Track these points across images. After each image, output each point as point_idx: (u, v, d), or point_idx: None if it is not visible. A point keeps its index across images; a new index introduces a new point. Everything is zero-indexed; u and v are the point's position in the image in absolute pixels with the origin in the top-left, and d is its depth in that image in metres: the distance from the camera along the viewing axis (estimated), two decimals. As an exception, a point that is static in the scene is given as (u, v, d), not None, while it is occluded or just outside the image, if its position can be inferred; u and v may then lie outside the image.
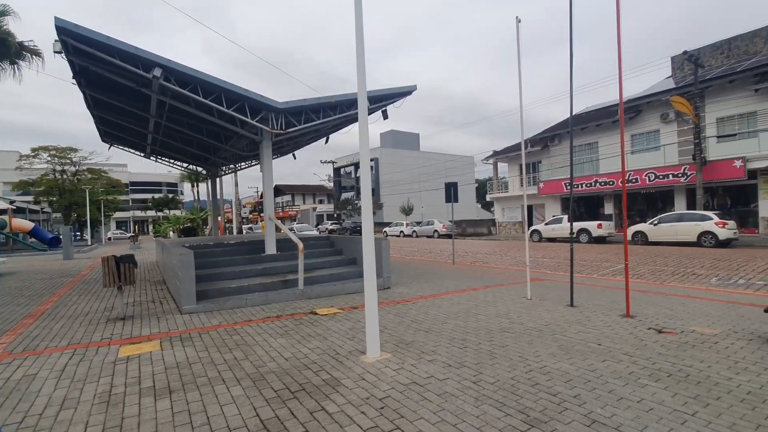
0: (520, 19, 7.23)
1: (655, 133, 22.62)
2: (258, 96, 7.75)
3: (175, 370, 3.87)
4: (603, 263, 12.27)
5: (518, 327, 5.20)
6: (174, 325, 5.65)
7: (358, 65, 4.13)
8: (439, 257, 15.94)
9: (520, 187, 30.37)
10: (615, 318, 5.61)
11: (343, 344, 4.60)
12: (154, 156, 15.83)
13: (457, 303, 6.78)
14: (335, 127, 11.23)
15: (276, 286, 7.32)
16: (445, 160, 54.49)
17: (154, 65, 6.90)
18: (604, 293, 7.56)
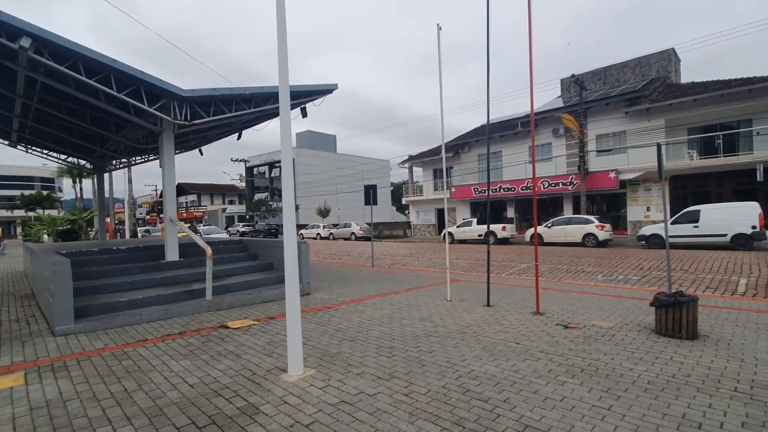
0: (441, 27, 7.41)
1: (547, 146, 25.28)
2: (157, 80, 6.78)
3: (44, 410, 3.07)
4: (509, 263, 13.21)
5: (442, 330, 5.21)
6: (44, 351, 4.60)
7: (280, 51, 3.74)
8: (358, 260, 15.80)
9: (434, 191, 31.72)
10: (527, 316, 5.94)
11: (260, 362, 4.13)
12: (23, 145, 13.20)
13: (380, 308, 6.64)
14: (249, 122, 10.42)
15: (179, 297, 6.45)
16: (362, 163, 54.92)
17: (21, 33, 5.62)
18: (514, 292, 8.04)
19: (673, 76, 24.56)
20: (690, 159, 20.42)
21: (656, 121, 21.43)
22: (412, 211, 33.96)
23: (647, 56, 25.36)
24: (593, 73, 27.36)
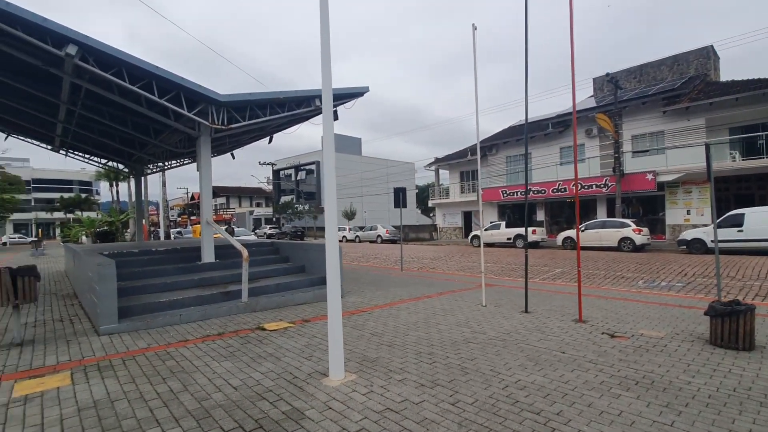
0: (476, 27, 7.27)
1: (580, 147, 24.52)
2: (196, 86, 6.94)
3: (92, 411, 3.13)
4: (542, 267, 12.83)
5: (481, 337, 5.05)
6: (89, 350, 4.73)
7: (323, 54, 3.71)
8: (386, 263, 15.72)
9: (460, 194, 31.35)
10: (569, 323, 5.69)
11: (300, 365, 4.10)
12: (65, 150, 13.84)
13: (414, 312, 6.53)
14: (281, 126, 10.55)
15: (215, 298, 6.54)
16: (387, 166, 54.95)
17: (67, 41, 5.85)
18: (552, 298, 7.76)
19: (712, 74, 23.41)
20: (732, 160, 19.36)
21: (696, 121, 20.44)
22: (438, 214, 33.67)
23: (685, 54, 24.28)
24: (628, 72, 26.41)
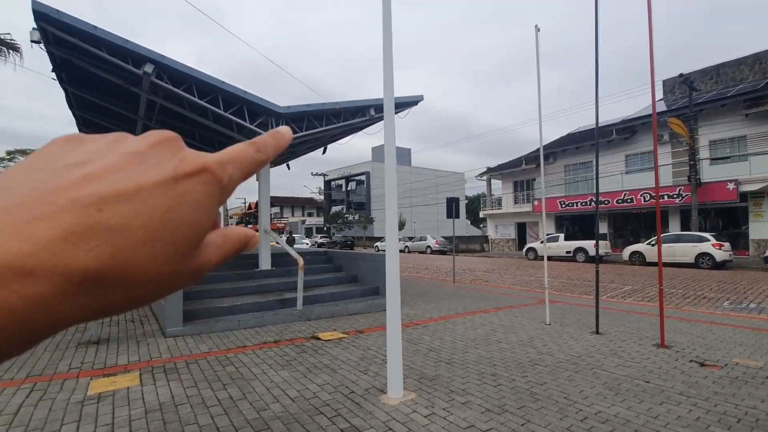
0: (539, 29, 6.94)
1: (649, 154, 22.72)
2: (258, 98, 7.19)
3: (157, 414, 3.18)
4: (609, 284, 11.87)
5: (549, 359, 4.65)
6: (156, 351, 4.92)
7: (385, 60, 3.62)
8: (437, 274, 15.37)
9: (513, 204, 30.22)
10: (650, 348, 5.11)
11: (357, 379, 3.97)
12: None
13: (471, 327, 6.20)
14: (335, 136, 10.70)
15: (272, 305, 6.64)
16: (436, 176, 54.47)
17: (145, 60, 6.30)
18: (624, 318, 7.08)
19: (801, 73, 20.85)
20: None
21: (786, 124, 18.22)
22: (489, 225, 32.66)
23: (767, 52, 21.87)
24: (702, 72, 24.26)
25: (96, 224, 0.17)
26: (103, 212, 0.17)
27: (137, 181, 0.19)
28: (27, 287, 0.16)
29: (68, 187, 0.18)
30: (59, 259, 0.16)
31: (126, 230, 0.18)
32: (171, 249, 0.19)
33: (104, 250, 0.17)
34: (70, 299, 0.17)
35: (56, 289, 0.16)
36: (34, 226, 0.16)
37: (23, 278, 0.16)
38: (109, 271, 0.17)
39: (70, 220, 0.17)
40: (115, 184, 0.18)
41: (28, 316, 0.16)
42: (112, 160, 0.19)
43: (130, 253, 0.18)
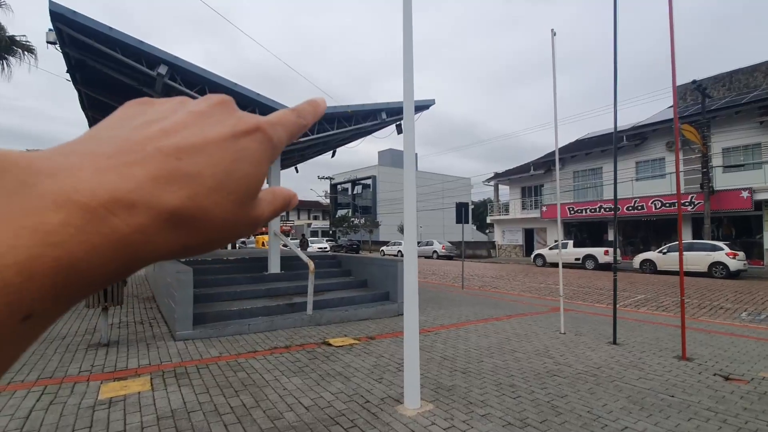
0: (555, 33, 6.86)
1: (660, 161, 22.48)
2: (270, 101, 7.16)
3: (170, 421, 3.10)
4: (621, 293, 11.66)
5: (567, 370, 4.52)
6: (167, 355, 4.85)
7: (405, 67, 3.55)
8: (444, 280, 15.23)
9: (521, 210, 30.01)
10: (671, 360, 4.96)
11: (371, 388, 3.87)
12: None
13: (484, 335, 6.08)
14: (345, 140, 10.67)
15: (282, 309, 6.56)
16: (443, 181, 54.34)
17: (159, 62, 6.30)
18: (640, 328, 6.92)
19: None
20: None
21: (803, 131, 17.93)
22: (496, 231, 32.44)
23: (782, 58, 21.59)
24: (715, 79, 24.03)
25: (176, 170, 0.20)
26: (181, 161, 0.20)
27: (205, 136, 0.21)
28: (132, 218, 0.18)
29: (151, 138, 0.20)
30: (152, 196, 0.19)
31: (199, 178, 0.20)
32: (234, 198, 0.21)
33: (183, 193, 0.19)
34: (159, 233, 0.19)
35: (151, 222, 0.19)
36: (131, 168, 0.19)
37: (128, 209, 0.18)
38: (187, 211, 0.20)
39: (157, 165, 0.19)
40: (187, 138, 0.21)
41: (133, 243, 0.18)
42: (182, 118, 0.22)
43: (202, 199, 0.20)
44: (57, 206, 0.17)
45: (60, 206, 0.17)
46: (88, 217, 0.17)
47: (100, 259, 0.17)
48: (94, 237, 0.17)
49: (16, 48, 11.28)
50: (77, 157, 0.19)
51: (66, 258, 0.16)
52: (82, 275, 0.17)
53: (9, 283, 0.15)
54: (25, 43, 11.42)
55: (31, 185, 0.17)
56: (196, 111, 0.23)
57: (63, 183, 0.17)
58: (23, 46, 11.42)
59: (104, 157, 0.19)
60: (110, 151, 0.19)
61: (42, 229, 0.16)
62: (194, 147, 0.21)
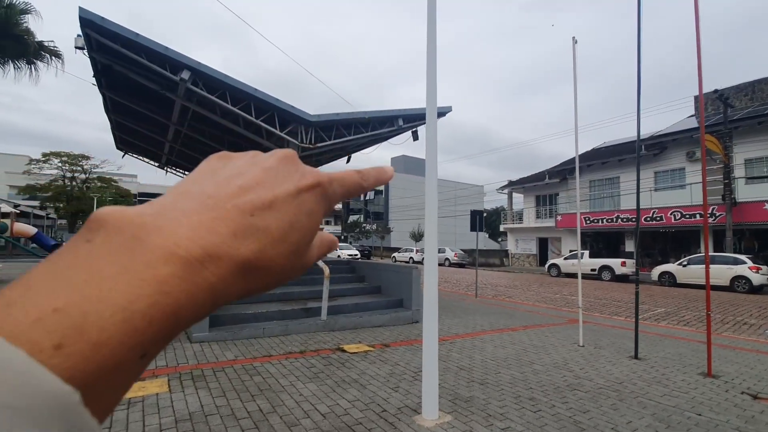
0: (577, 40, 6.80)
1: (680, 171, 22.02)
2: (289, 106, 7.23)
3: (188, 424, 3.11)
4: (640, 305, 11.37)
5: (588, 384, 4.40)
6: (183, 357, 4.88)
7: (429, 70, 3.54)
8: (457, 288, 15.10)
9: (535, 219, 29.67)
10: (696, 377, 4.80)
11: (388, 396, 3.82)
12: (169, 167, 15.35)
13: (501, 346, 5.98)
14: (361, 146, 10.70)
15: (296, 314, 6.56)
16: (456, 188, 54.12)
17: (182, 67, 6.41)
18: (661, 342, 6.73)
19: None
20: None
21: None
22: (510, 239, 32.10)
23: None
24: (737, 89, 23.50)
25: (250, 226, 0.22)
26: (254, 217, 0.23)
27: (274, 193, 0.24)
28: (218, 269, 0.21)
29: (231, 196, 0.23)
30: (232, 249, 0.21)
31: (268, 231, 0.23)
32: (293, 248, 0.24)
33: (255, 246, 0.22)
34: (235, 281, 0.22)
35: (230, 273, 0.21)
36: (216, 224, 0.21)
37: (216, 262, 0.21)
38: (257, 261, 0.22)
39: (236, 221, 0.22)
40: (260, 196, 0.24)
41: (217, 290, 0.21)
42: (256, 175, 0.25)
43: (269, 250, 0.23)
44: (165, 260, 0.20)
45: (168, 260, 0.20)
46: (187, 269, 0.20)
47: (195, 305, 0.20)
48: (192, 286, 0.20)
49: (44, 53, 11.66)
50: (176, 214, 0.21)
51: (174, 305, 0.19)
52: (182, 319, 0.20)
53: (136, 327, 0.18)
54: (53, 49, 11.79)
55: (144, 240, 0.20)
56: (267, 167, 0.25)
57: (167, 239, 0.20)
58: (51, 51, 11.79)
59: (195, 214, 0.22)
60: (200, 208, 0.22)
61: (156, 280, 0.19)
62: (265, 204, 0.23)
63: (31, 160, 37.59)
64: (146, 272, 0.19)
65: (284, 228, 0.23)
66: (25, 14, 11.30)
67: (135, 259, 0.19)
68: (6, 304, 0.17)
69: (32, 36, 11.54)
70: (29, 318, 0.17)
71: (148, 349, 0.19)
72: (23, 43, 11.37)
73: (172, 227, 0.21)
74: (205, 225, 0.21)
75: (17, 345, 0.16)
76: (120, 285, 0.18)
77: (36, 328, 0.17)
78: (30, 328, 0.17)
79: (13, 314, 0.17)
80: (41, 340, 0.16)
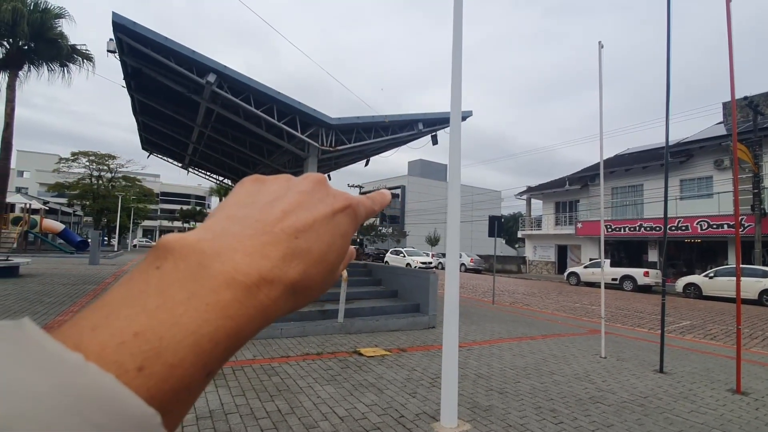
0: (603, 45, 6.68)
1: (707, 180, 21.34)
2: (311, 110, 7.30)
3: (208, 421, 3.15)
4: (663, 317, 11.05)
5: (611, 397, 4.28)
6: (203, 354, 4.95)
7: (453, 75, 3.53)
8: (474, 294, 14.94)
9: (554, 226, 29.17)
10: (724, 394, 4.62)
11: (406, 402, 3.79)
12: (191, 167, 15.68)
13: (519, 354, 5.88)
14: (380, 149, 10.73)
15: (313, 316, 6.60)
16: (473, 194, 53.69)
17: (208, 70, 6.56)
18: (687, 356, 6.52)
19: None
20: None
21: None
22: (527, 246, 31.64)
23: None
24: (767, 96, 22.67)
25: (296, 248, 0.24)
26: (298, 239, 0.24)
27: (314, 215, 0.26)
28: (271, 292, 0.22)
29: (277, 221, 0.24)
30: (282, 272, 0.23)
31: (310, 253, 0.24)
32: (330, 267, 0.26)
33: (300, 267, 0.24)
34: (285, 302, 0.23)
35: (281, 294, 0.23)
36: (268, 248, 0.23)
37: (269, 285, 0.22)
38: (301, 282, 0.24)
39: (284, 245, 0.23)
40: (302, 218, 0.25)
41: (269, 312, 0.22)
42: (295, 199, 0.26)
43: (311, 270, 0.24)
44: (227, 285, 0.21)
45: (229, 285, 0.21)
46: (246, 293, 0.21)
47: (252, 327, 0.22)
48: (251, 310, 0.21)
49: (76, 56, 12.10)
50: (230, 240, 0.23)
51: (235, 327, 0.21)
52: (241, 339, 0.21)
53: (204, 349, 0.19)
54: (85, 52, 12.23)
55: (207, 266, 0.21)
56: (303, 191, 0.27)
57: (227, 265, 0.22)
58: (83, 54, 12.23)
59: (248, 239, 0.23)
60: (251, 233, 0.23)
61: (221, 305, 0.20)
62: (306, 225, 0.25)
63: (60, 159, 38.95)
64: (211, 297, 0.20)
65: (323, 249, 0.25)
66: (59, 18, 11.76)
67: (201, 284, 0.21)
68: (92, 327, 0.19)
69: (66, 39, 11.99)
70: (114, 341, 0.18)
71: (212, 368, 0.20)
72: (57, 46, 11.82)
73: (229, 253, 0.22)
74: (258, 250, 0.23)
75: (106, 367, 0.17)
76: (189, 311, 0.20)
77: (121, 351, 0.18)
78: (116, 351, 0.18)
79: (99, 337, 0.18)
80: (126, 363, 0.18)
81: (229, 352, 0.21)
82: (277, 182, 0.28)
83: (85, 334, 0.18)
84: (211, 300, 0.20)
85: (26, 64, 11.88)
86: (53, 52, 11.51)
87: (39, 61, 12.04)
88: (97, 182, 39.50)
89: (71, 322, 0.19)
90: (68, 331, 0.19)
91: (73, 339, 0.18)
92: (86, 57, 12.21)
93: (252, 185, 0.28)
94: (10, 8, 10.62)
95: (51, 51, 11.52)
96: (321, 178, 0.29)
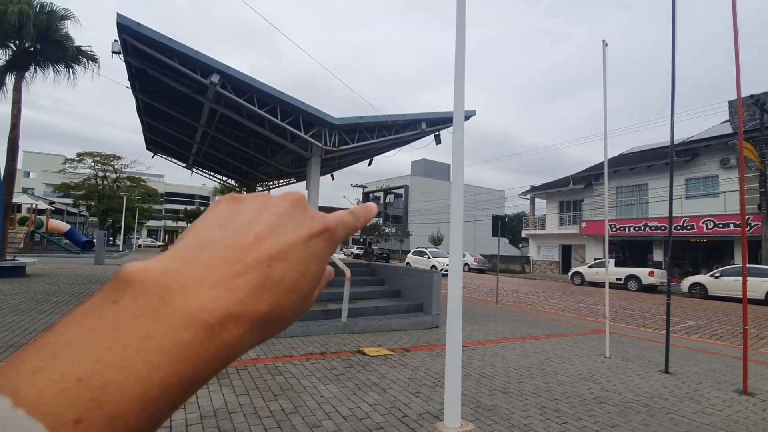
0: (607, 44, 6.65)
1: (713, 179, 21.19)
2: (314, 110, 7.31)
3: (212, 420, 3.16)
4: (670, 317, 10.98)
5: (616, 397, 4.26)
6: (207, 354, 4.97)
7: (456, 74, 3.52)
8: (477, 293, 14.91)
9: (558, 225, 29.05)
10: (731, 395, 4.59)
11: (409, 402, 3.79)
12: (195, 167, 15.75)
13: (523, 354, 5.86)
14: (383, 149, 10.73)
15: (316, 315, 6.61)
16: (476, 193, 53.56)
17: (212, 71, 6.58)
18: (693, 357, 6.47)
19: None
20: None
21: None
22: (531, 246, 31.53)
23: None
24: (775, 94, 22.46)
25: (268, 278, 0.22)
26: (271, 268, 0.23)
27: (288, 240, 0.24)
28: (236, 329, 0.21)
29: (250, 247, 0.23)
30: (251, 307, 0.21)
31: (282, 282, 0.23)
32: (303, 296, 0.24)
33: (270, 299, 0.22)
34: (250, 337, 0.22)
35: (248, 330, 0.21)
36: (236, 281, 0.21)
37: (235, 322, 0.21)
38: (271, 314, 0.22)
39: (255, 275, 0.22)
40: (276, 243, 0.23)
41: (233, 350, 0.21)
42: (270, 221, 0.24)
43: (282, 301, 0.23)
44: (188, 325, 0.20)
45: (190, 325, 0.20)
46: (209, 333, 0.20)
47: (210, 369, 0.20)
48: (211, 350, 0.20)
49: (81, 57, 12.18)
50: (197, 269, 0.21)
51: (192, 372, 0.19)
52: (196, 384, 0.20)
53: (152, 397, 0.18)
54: (90, 53, 12.32)
55: (168, 302, 0.20)
56: (280, 212, 0.25)
57: (191, 300, 0.20)
58: (88, 55, 12.32)
59: (216, 269, 0.21)
60: (221, 263, 0.22)
61: (178, 347, 0.19)
62: (281, 253, 0.23)
63: (66, 160, 39.24)
64: (168, 338, 0.19)
65: (297, 278, 0.24)
66: (65, 20, 11.84)
67: (159, 323, 0.19)
68: (32, 371, 0.17)
69: (71, 41, 12.08)
70: (54, 387, 0.17)
71: (160, 418, 0.19)
72: (63, 47, 11.91)
73: (194, 286, 0.21)
74: (226, 282, 0.21)
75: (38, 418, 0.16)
76: (141, 353, 0.18)
77: (59, 401, 0.16)
78: (54, 401, 0.16)
79: (38, 383, 0.17)
80: (63, 414, 0.16)
81: (181, 399, 0.19)
82: (253, 202, 0.26)
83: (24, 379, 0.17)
84: (167, 342, 0.19)
85: (32, 65, 11.98)
86: (59, 53, 11.60)
87: (45, 62, 12.14)
88: (102, 183, 39.76)
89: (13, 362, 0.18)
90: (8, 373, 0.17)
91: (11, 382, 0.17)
92: (91, 58, 12.29)
93: (227, 205, 0.26)
94: (17, 11, 10.72)
95: (57, 52, 11.62)
96: (299, 198, 0.27)
